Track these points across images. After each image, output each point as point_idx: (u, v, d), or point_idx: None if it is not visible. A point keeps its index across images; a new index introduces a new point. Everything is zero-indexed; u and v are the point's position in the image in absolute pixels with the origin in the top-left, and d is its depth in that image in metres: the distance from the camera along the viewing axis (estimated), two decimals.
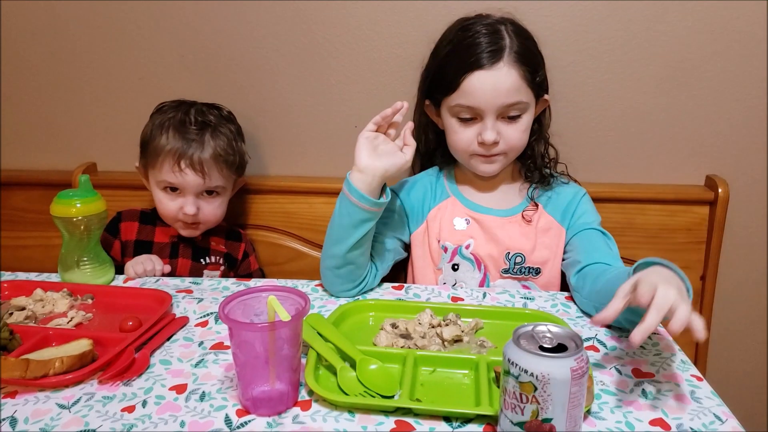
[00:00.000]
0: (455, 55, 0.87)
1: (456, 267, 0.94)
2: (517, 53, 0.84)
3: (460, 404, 0.60)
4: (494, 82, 0.84)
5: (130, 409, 0.60)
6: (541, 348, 0.49)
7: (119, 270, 0.94)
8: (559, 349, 0.50)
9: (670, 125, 1.07)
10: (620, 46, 1.03)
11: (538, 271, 0.92)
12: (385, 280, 0.92)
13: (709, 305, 1.09)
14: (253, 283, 0.91)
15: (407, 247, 0.98)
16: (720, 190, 1.04)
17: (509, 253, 0.92)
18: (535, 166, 0.95)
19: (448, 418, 0.58)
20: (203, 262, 1.03)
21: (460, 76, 0.85)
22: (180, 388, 0.63)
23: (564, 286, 0.92)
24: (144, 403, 0.60)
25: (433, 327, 0.73)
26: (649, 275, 0.61)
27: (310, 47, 1.09)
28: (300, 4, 1.06)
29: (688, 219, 1.07)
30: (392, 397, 0.61)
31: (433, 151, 1.00)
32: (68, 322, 0.76)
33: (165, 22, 1.10)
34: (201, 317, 0.79)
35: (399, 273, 1.02)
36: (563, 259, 0.93)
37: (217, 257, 1.04)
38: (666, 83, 1.04)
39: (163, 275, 0.94)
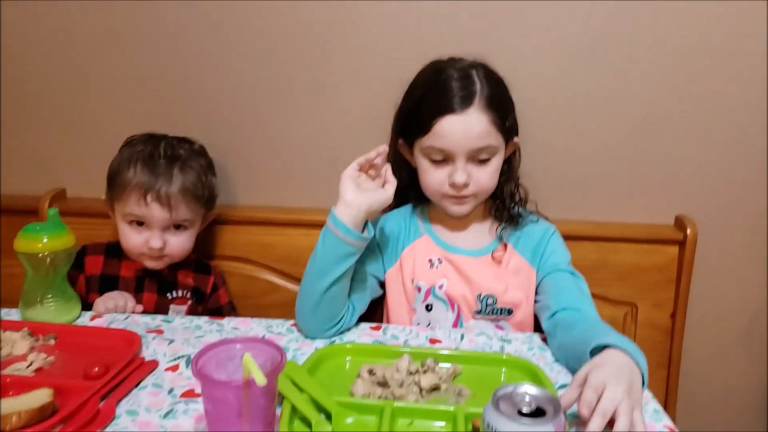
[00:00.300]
0: (427, 98, 0.88)
1: (430, 307, 0.93)
2: (488, 98, 0.86)
3: None
4: (465, 127, 0.85)
5: None
6: (520, 412, 0.49)
7: (85, 307, 0.90)
8: (538, 413, 0.49)
9: (642, 166, 1.10)
10: (593, 90, 1.06)
11: (510, 311, 0.93)
12: (361, 318, 0.91)
13: (679, 342, 1.11)
14: (227, 322, 0.88)
15: (383, 285, 0.97)
16: (688, 231, 1.07)
17: (480, 294, 0.92)
18: (504, 206, 0.96)
19: None
20: (170, 297, 1.01)
21: (432, 119, 0.86)
22: None
23: (538, 325, 0.92)
24: None
25: (411, 374, 0.72)
26: (600, 369, 0.61)
27: (289, 81, 1.08)
28: (277, 37, 1.06)
29: (660, 258, 1.09)
30: None
31: (406, 189, 1.00)
32: (27, 367, 0.72)
33: (141, 49, 1.08)
34: (172, 360, 0.77)
35: (376, 310, 1.01)
36: (535, 301, 0.93)
37: (185, 291, 1.02)
38: (637, 126, 1.08)
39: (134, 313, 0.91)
